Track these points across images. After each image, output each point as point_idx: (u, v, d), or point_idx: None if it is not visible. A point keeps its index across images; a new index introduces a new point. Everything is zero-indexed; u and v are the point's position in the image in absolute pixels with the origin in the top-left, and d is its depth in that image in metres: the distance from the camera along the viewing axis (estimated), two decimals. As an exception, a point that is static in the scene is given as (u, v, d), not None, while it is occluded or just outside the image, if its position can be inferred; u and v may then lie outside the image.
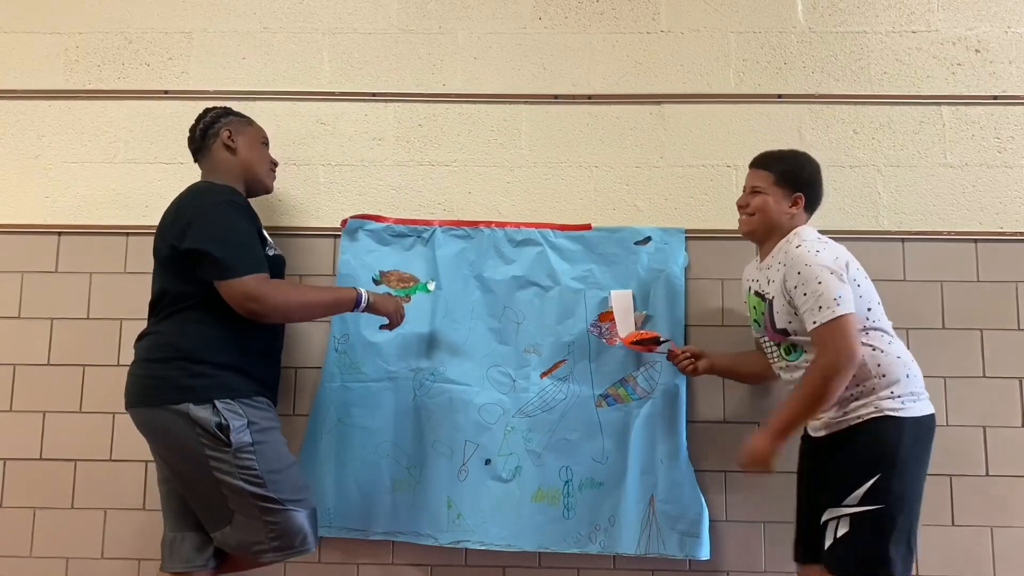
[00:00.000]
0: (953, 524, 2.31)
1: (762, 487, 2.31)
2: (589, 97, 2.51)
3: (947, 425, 2.33)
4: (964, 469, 2.32)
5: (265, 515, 1.92)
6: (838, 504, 1.90)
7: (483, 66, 2.54)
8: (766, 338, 2.09)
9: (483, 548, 2.30)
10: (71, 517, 2.37)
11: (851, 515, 1.88)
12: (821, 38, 2.52)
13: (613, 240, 2.42)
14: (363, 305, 2.07)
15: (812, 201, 2.12)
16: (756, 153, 2.15)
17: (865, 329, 1.95)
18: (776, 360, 2.10)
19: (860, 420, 1.93)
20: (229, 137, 2.11)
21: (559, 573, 2.34)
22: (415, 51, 2.55)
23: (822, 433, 2.02)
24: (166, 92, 2.54)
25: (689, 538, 2.26)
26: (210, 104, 2.22)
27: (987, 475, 2.32)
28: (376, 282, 2.41)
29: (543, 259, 2.42)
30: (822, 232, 2.08)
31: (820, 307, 1.87)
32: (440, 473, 2.32)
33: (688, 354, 2.25)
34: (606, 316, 2.37)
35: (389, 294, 2.27)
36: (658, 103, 2.51)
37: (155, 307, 2.02)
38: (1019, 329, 2.38)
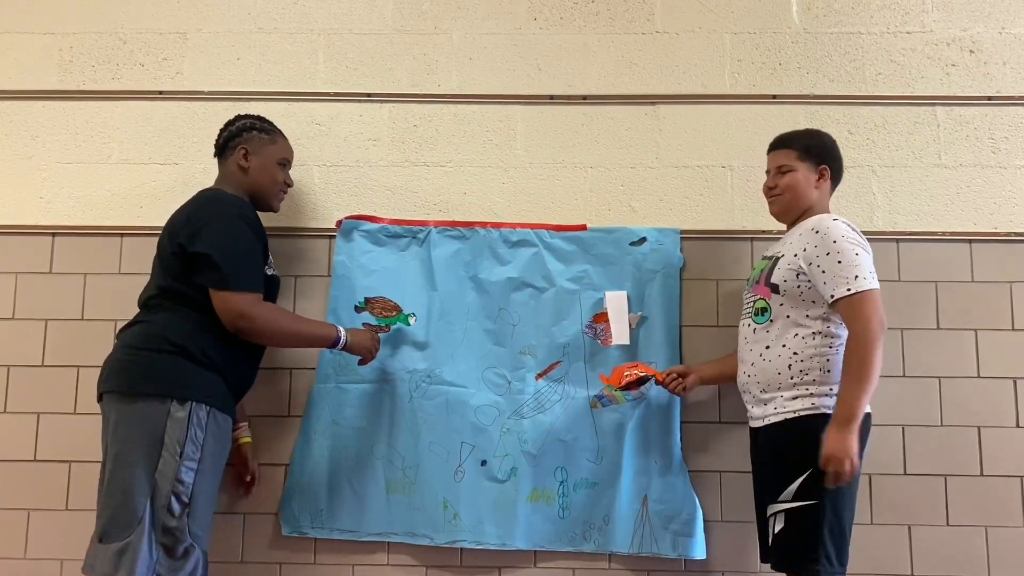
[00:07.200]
0: (948, 524, 2.31)
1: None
2: (584, 98, 2.51)
3: (942, 425, 2.34)
4: (959, 469, 2.32)
5: (164, 536, 1.88)
6: (775, 500, 1.94)
7: (478, 67, 2.54)
8: (750, 294, 2.11)
9: (479, 548, 2.30)
10: (65, 519, 2.35)
11: (785, 511, 1.91)
12: (816, 39, 2.52)
13: (608, 241, 2.42)
14: (341, 345, 2.13)
15: (836, 174, 2.14)
16: (751, 153, 2.15)
17: (832, 326, 1.97)
18: (744, 317, 2.12)
19: (795, 415, 1.95)
20: (244, 156, 2.15)
21: (554, 572, 2.34)
22: (410, 52, 2.54)
23: (759, 424, 2.04)
24: (161, 93, 2.53)
25: (682, 538, 2.27)
26: (204, 105, 2.21)
27: (982, 475, 2.32)
28: (359, 308, 2.39)
29: (538, 260, 2.41)
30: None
31: (857, 276, 1.89)
32: (437, 474, 2.32)
33: (674, 375, 2.25)
34: (601, 317, 2.37)
35: (369, 326, 2.32)
36: (653, 104, 2.51)
37: (148, 301, 2.03)
38: (1014, 329, 2.38)
